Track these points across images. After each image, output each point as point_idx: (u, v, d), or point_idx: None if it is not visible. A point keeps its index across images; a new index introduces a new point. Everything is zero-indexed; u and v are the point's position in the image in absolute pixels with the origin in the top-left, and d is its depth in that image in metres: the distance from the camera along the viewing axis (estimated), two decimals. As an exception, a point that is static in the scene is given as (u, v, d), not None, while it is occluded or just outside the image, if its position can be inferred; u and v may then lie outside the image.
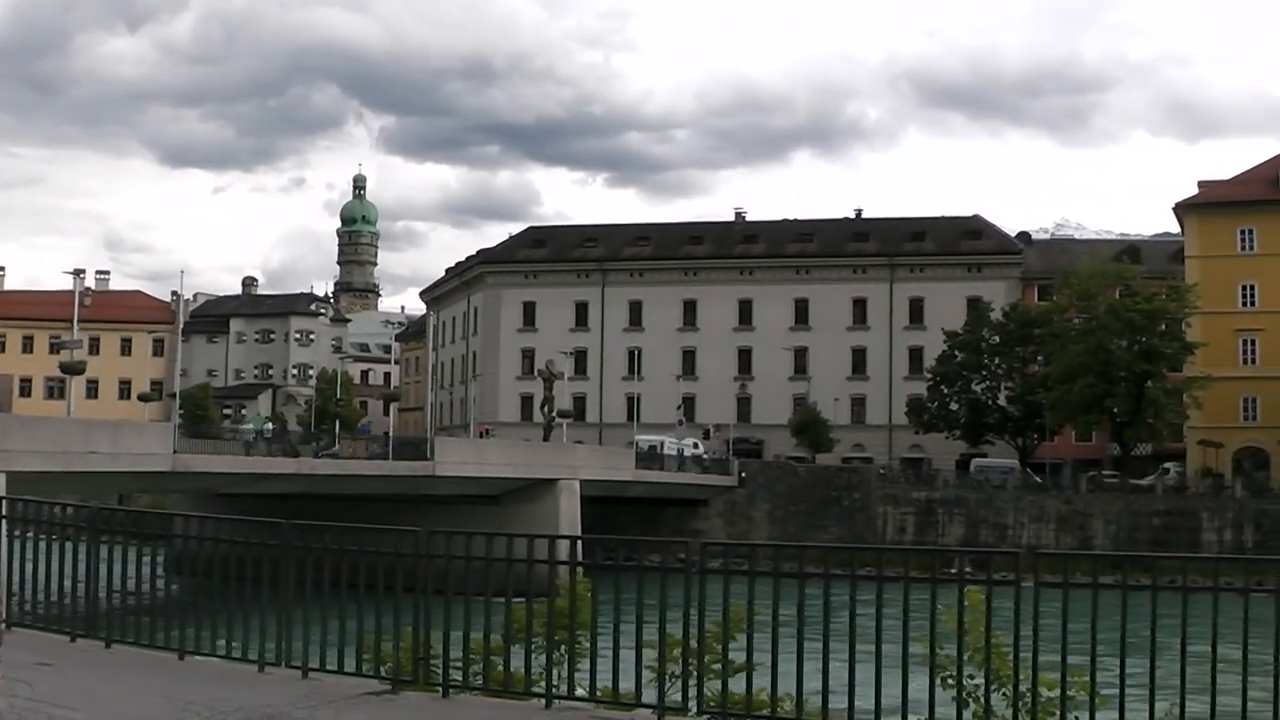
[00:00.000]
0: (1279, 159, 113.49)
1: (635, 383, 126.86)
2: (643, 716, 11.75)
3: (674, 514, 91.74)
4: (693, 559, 11.88)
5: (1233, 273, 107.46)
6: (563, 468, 75.55)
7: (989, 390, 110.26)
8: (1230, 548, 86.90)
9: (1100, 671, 10.82)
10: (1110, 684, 10.66)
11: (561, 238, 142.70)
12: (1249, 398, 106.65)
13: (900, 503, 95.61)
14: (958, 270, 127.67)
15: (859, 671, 11.17)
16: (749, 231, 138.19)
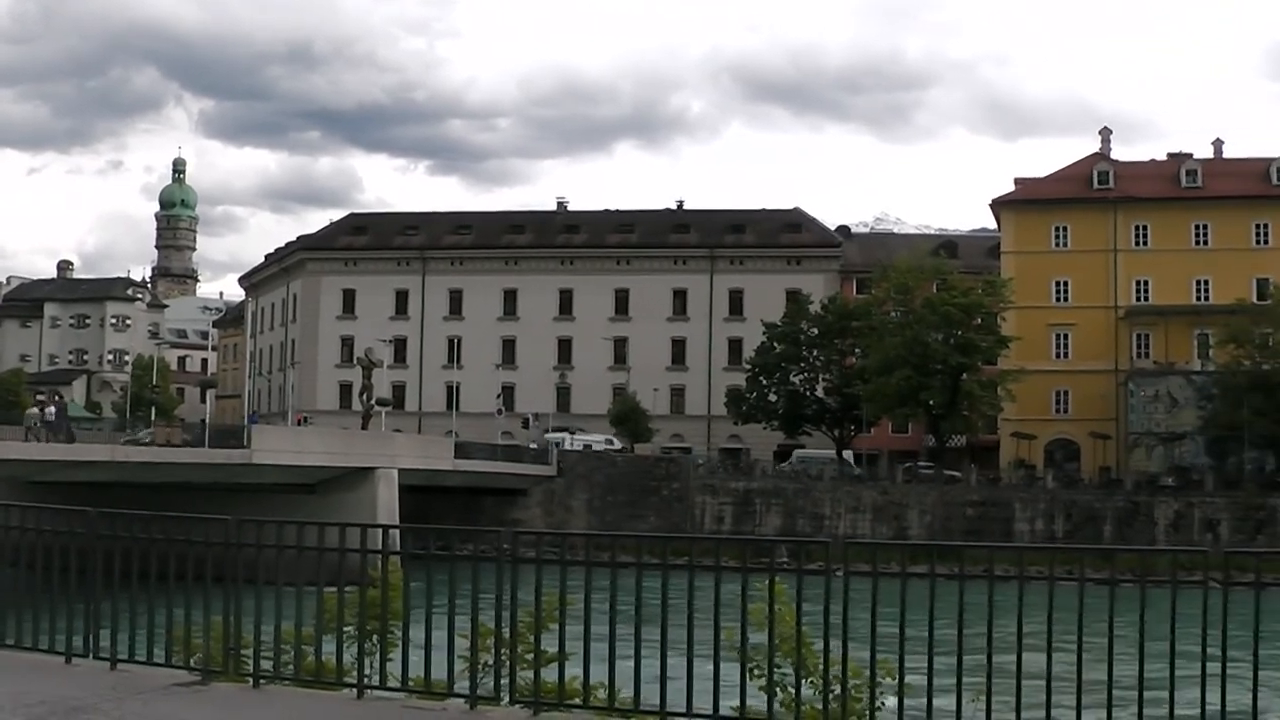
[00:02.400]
0: (1093, 158, 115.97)
1: (455, 371, 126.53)
2: (455, 706, 11.68)
3: (493, 503, 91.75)
4: (505, 548, 11.85)
5: (1047, 268, 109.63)
6: (381, 456, 75.06)
7: (807, 382, 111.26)
8: (1042, 537, 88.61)
9: (913, 659, 10.94)
10: (919, 672, 10.79)
11: (382, 225, 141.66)
12: (1061, 391, 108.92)
13: (718, 493, 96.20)
14: (777, 263, 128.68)
15: (672, 661, 11.20)
16: (570, 221, 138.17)
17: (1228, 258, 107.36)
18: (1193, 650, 10.27)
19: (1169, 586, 10.45)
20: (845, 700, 10.96)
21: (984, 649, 10.55)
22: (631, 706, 11.21)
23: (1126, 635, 10.33)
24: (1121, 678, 10.47)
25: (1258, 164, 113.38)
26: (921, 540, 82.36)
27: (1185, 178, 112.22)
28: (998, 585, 10.79)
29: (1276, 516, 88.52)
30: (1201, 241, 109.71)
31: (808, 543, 11.45)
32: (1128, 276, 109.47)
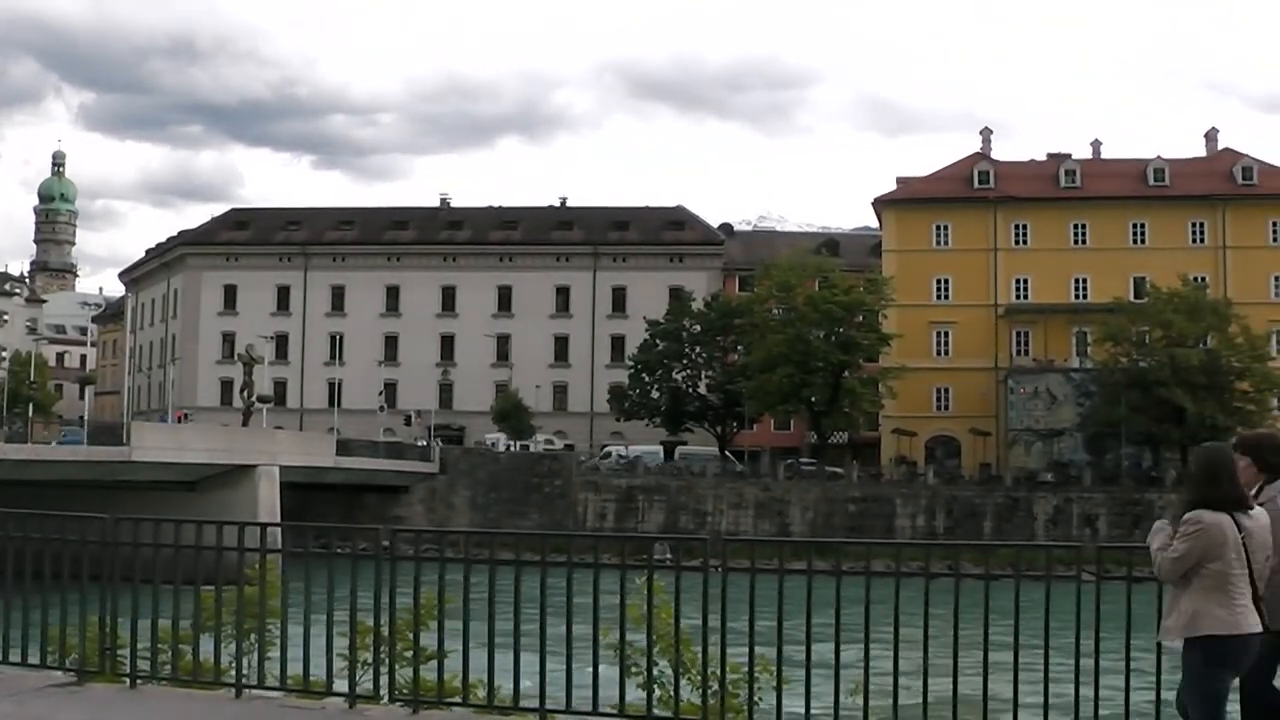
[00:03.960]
0: (974, 158, 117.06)
1: (337, 368, 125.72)
2: (334, 705, 11.62)
3: (376, 501, 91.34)
4: (384, 545, 11.81)
5: (928, 267, 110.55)
6: (262, 454, 74.44)
7: (690, 379, 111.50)
8: (923, 533, 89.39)
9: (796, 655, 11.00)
10: (799, 668, 10.85)
11: (264, 220, 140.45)
12: (942, 388, 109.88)
13: (601, 490, 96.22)
14: (660, 260, 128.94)
15: (552, 659, 11.20)
16: (453, 218, 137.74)
17: (1106, 257, 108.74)
18: (1069, 643, 10.42)
19: (1044, 581, 10.59)
20: (724, 696, 11.01)
21: (864, 644, 10.65)
22: (511, 704, 11.20)
23: (1007, 629, 10.46)
24: (1000, 670, 10.60)
25: (1135, 165, 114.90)
26: (804, 537, 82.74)
27: (1064, 178, 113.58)
28: (876, 581, 10.89)
29: (1153, 511, 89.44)
30: (1080, 241, 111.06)
31: (686, 539, 11.48)
32: (1007, 275, 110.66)
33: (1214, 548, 8.91)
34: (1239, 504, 9.07)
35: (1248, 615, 8.96)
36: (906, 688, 10.71)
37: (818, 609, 10.81)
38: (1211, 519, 8.95)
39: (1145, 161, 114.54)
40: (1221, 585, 8.90)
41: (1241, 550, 8.94)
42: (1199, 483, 9.25)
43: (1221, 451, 9.47)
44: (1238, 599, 8.93)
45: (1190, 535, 8.97)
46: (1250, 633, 8.94)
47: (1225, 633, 8.87)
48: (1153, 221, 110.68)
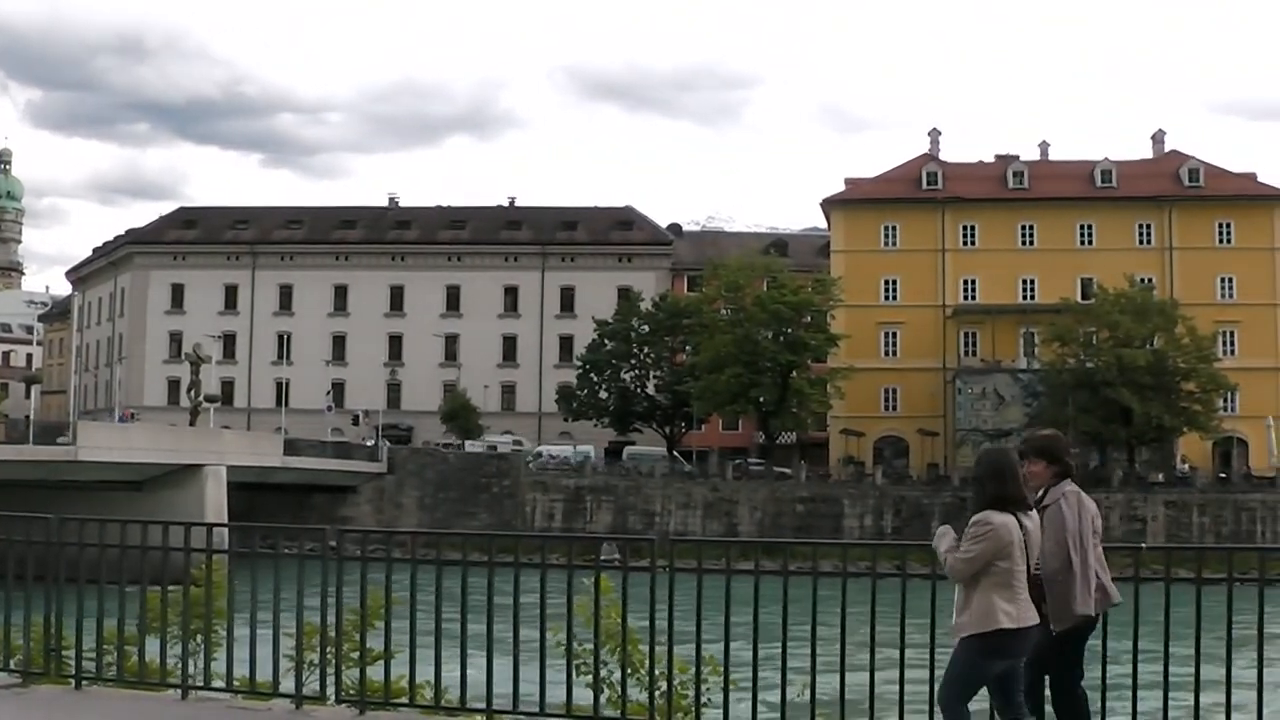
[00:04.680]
0: (922, 159, 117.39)
1: (284, 367, 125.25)
2: (280, 706, 11.59)
3: (323, 500, 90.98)
4: (330, 546, 11.78)
5: (876, 267, 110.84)
6: (209, 453, 74.17)
7: (638, 379, 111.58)
8: (871, 533, 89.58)
9: (742, 654, 11.02)
10: (747, 667, 10.88)
11: (212, 219, 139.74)
12: (890, 388, 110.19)
13: (549, 490, 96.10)
14: (609, 260, 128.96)
15: (499, 659, 11.19)
16: (402, 217, 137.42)
17: (1053, 258, 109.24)
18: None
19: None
20: (671, 696, 11.01)
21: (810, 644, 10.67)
22: (458, 705, 11.19)
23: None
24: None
25: (1083, 166, 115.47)
26: (752, 537, 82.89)
27: (1012, 179, 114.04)
28: (824, 581, 10.92)
29: (1100, 511, 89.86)
30: (1028, 242, 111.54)
31: (633, 540, 11.46)
32: (955, 276, 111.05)
33: (1003, 547, 9.25)
34: (1022, 504, 9.45)
35: (1029, 609, 9.36)
36: (853, 686, 10.75)
37: (766, 609, 10.84)
38: (1000, 519, 9.30)
39: (1093, 163, 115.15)
40: (1008, 582, 9.27)
41: (1024, 549, 9.35)
42: (987, 485, 9.55)
43: (1006, 454, 9.84)
44: (1020, 594, 9.32)
45: (982, 536, 9.28)
46: (1031, 625, 9.37)
47: (1012, 626, 9.23)
48: (1100, 223, 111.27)
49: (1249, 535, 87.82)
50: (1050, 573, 9.64)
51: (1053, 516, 9.74)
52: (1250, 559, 10.84)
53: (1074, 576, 9.61)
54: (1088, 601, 9.63)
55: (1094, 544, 9.86)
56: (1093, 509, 9.96)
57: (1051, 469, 10.04)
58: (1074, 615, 9.62)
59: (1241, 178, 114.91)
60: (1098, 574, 9.82)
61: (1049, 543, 9.63)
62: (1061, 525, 9.70)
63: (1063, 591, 9.61)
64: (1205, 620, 10.53)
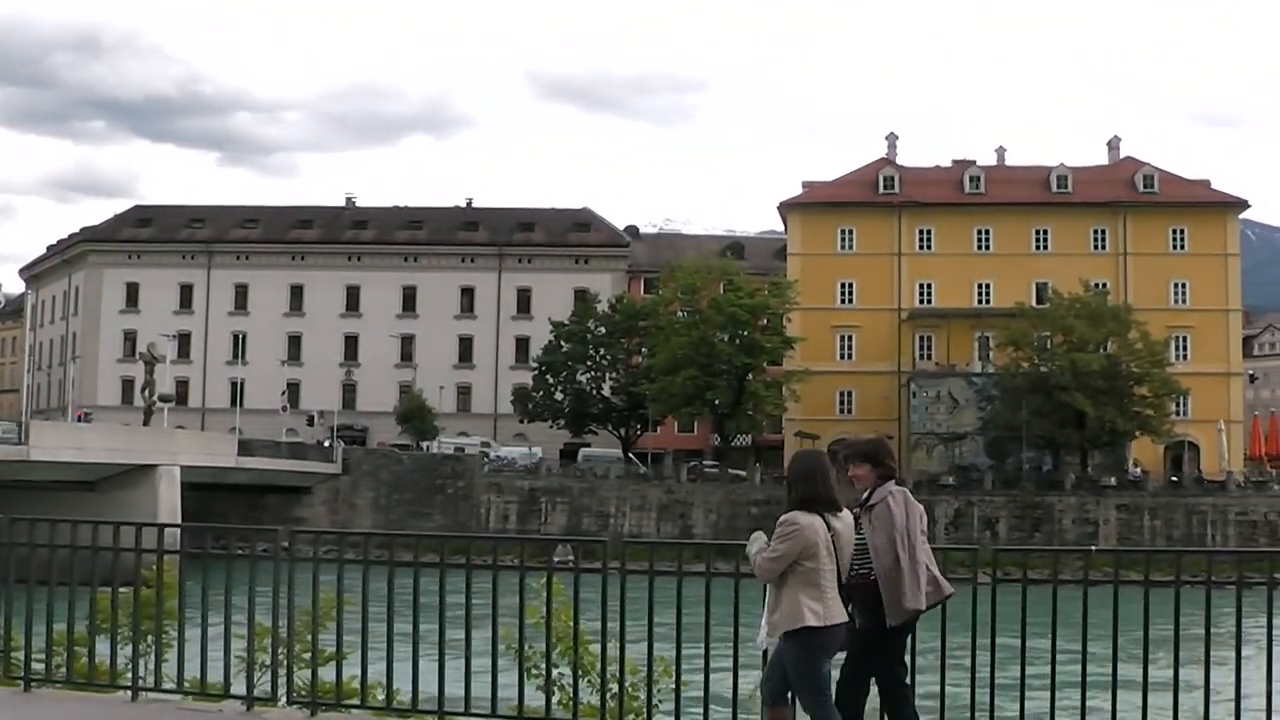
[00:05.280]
0: (879, 163, 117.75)
1: (239, 367, 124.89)
2: (231, 708, 11.55)
3: (278, 501, 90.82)
4: (282, 546, 11.75)
5: (832, 271, 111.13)
6: (163, 453, 73.85)
7: (594, 381, 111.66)
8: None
9: (695, 656, 11.04)
10: (699, 669, 10.90)
11: (168, 218, 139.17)
12: (845, 391, 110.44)
13: (504, 491, 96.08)
14: (566, 261, 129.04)
15: (451, 660, 11.18)
16: (358, 217, 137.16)
17: (1008, 262, 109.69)
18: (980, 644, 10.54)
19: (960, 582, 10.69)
20: (622, 698, 11.02)
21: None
22: (409, 706, 11.17)
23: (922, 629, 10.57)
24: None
25: (1038, 172, 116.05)
26: (706, 539, 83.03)
27: (969, 184, 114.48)
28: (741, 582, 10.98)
29: (1053, 515, 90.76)
30: (983, 246, 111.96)
31: (586, 541, 11.52)
32: (911, 279, 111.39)
33: (809, 546, 9.53)
34: (831, 506, 9.75)
35: (837, 607, 9.62)
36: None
37: (719, 610, 10.88)
38: (806, 520, 9.62)
39: (1049, 169, 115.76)
40: (815, 581, 9.52)
41: (831, 549, 9.61)
42: (795, 486, 9.92)
43: (816, 456, 10.16)
44: (828, 592, 9.58)
45: (788, 536, 9.59)
46: (840, 623, 9.63)
47: (820, 624, 9.46)
48: (1055, 228, 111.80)
49: (1200, 538, 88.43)
50: (882, 570, 9.89)
51: (881, 515, 10.01)
52: (1200, 562, 10.90)
53: (903, 572, 9.82)
54: (918, 596, 9.83)
55: (922, 540, 10.04)
56: (919, 507, 10.17)
57: (875, 472, 10.31)
58: (905, 610, 9.84)
59: (1196, 184, 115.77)
60: (928, 567, 10.01)
61: (880, 540, 9.92)
62: (890, 523, 9.94)
63: (894, 587, 9.84)
64: (1154, 621, 10.61)
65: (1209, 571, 10.66)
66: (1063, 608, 10.41)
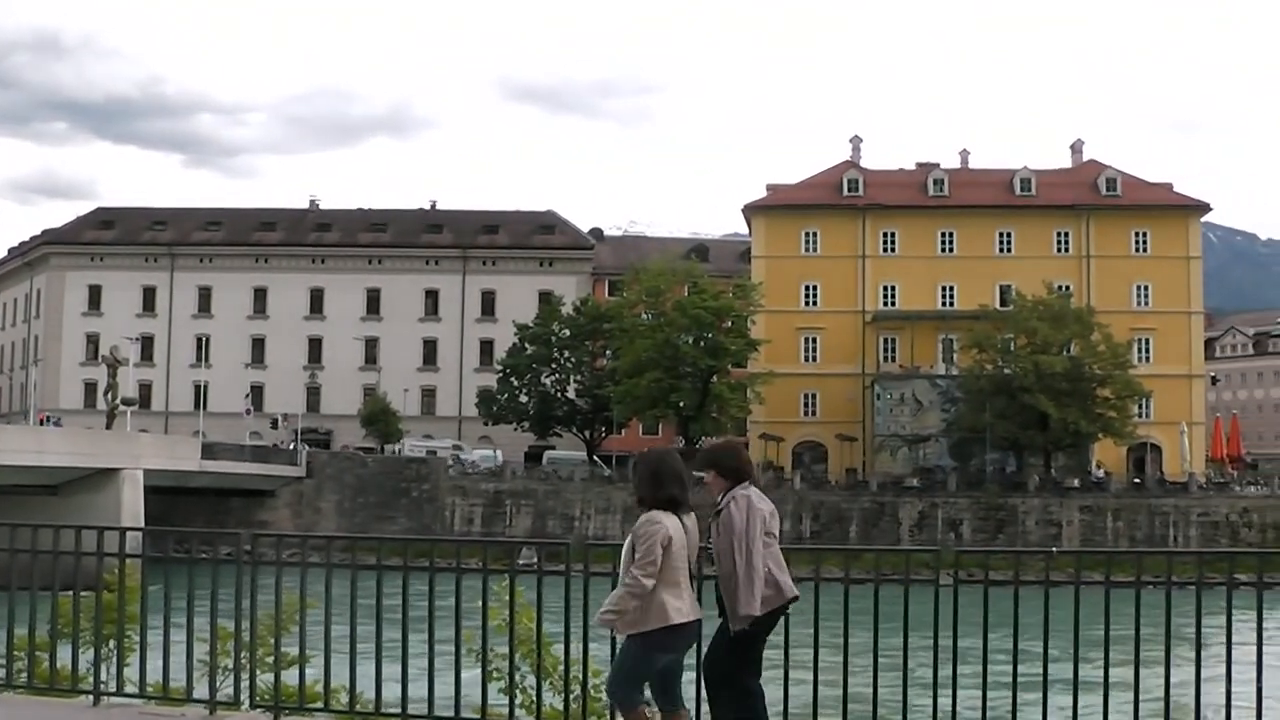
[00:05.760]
0: (844, 165, 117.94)
1: (203, 370, 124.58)
2: (194, 712, 11.52)
3: (241, 505, 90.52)
4: (244, 550, 11.71)
5: (796, 273, 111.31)
6: (126, 457, 73.49)
7: (558, 383, 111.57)
8: (789, 537, 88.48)
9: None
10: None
11: (130, 220, 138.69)
12: (809, 393, 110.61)
13: (469, 494, 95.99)
14: (530, 264, 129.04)
15: (414, 664, 11.16)
16: (322, 219, 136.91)
17: (972, 265, 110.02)
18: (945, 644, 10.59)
19: (903, 584, 10.73)
20: (585, 701, 11.03)
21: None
22: (373, 709, 11.15)
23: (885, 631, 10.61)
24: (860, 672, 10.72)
25: (1002, 175, 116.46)
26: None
27: (932, 186, 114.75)
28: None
29: (1016, 516, 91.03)
30: (947, 249, 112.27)
31: (549, 544, 11.49)
32: (875, 282, 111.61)
33: (670, 545, 9.67)
34: (681, 505, 9.92)
35: (694, 604, 9.88)
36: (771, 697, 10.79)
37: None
38: (664, 518, 9.77)
39: (1012, 171, 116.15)
40: (674, 579, 9.67)
41: (685, 547, 9.80)
42: (647, 487, 10.07)
43: (664, 456, 10.34)
44: (686, 591, 9.81)
45: (653, 535, 9.70)
46: (695, 620, 9.87)
47: (681, 621, 9.65)
48: (1019, 230, 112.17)
49: (1162, 539, 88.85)
50: (723, 575, 9.98)
51: (724, 520, 10.03)
52: (1161, 562, 10.96)
53: (739, 578, 9.85)
54: (752, 602, 9.82)
55: (767, 543, 10.05)
56: (765, 510, 10.13)
57: (722, 477, 10.31)
58: (739, 616, 9.85)
59: (1158, 187, 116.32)
60: (772, 571, 10.03)
61: (721, 545, 9.98)
62: (730, 528, 9.97)
63: (730, 593, 9.90)
64: (1116, 621, 10.65)
65: (1169, 572, 10.71)
66: (1026, 608, 10.46)
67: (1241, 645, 10.63)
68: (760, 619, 9.93)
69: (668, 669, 9.87)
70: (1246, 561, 11.31)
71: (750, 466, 10.49)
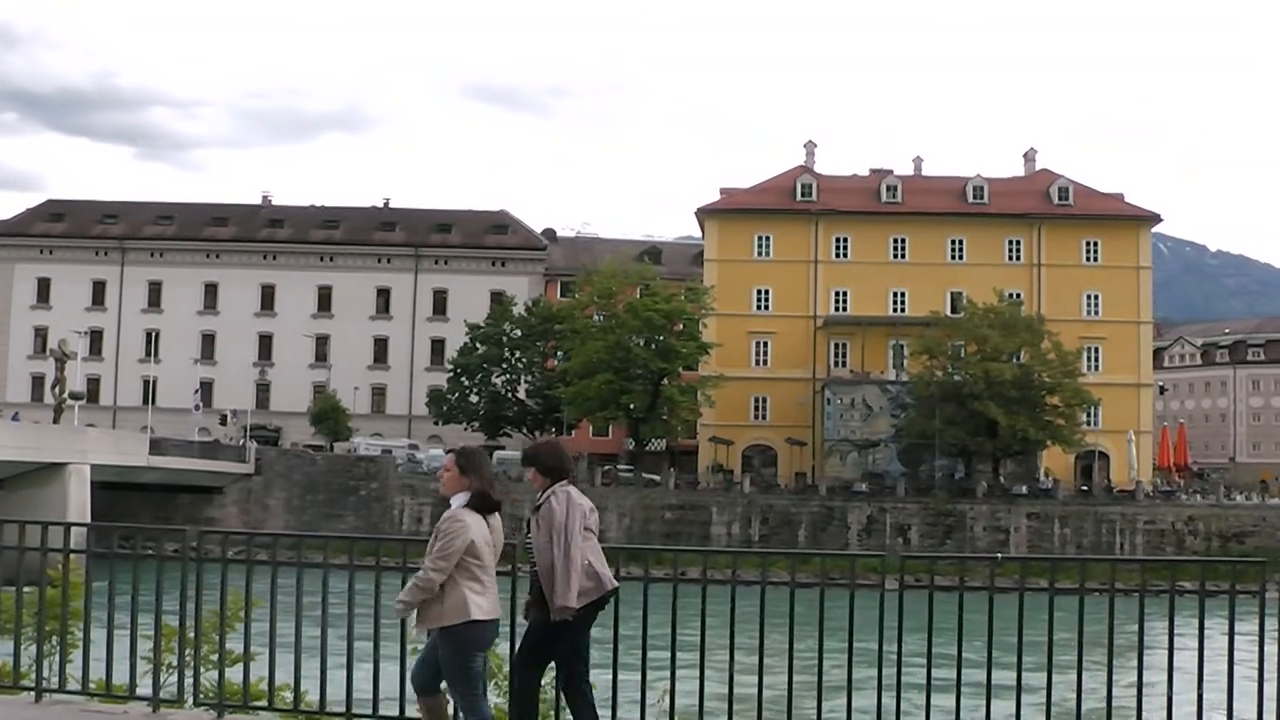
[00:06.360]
0: (797, 170, 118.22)
1: (152, 365, 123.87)
2: (137, 710, 11.46)
3: (189, 501, 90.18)
4: (190, 547, 11.66)
5: (749, 277, 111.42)
6: (73, 451, 72.92)
7: (509, 383, 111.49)
8: (739, 541, 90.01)
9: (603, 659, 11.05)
10: (606, 672, 10.92)
11: (80, 212, 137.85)
12: (759, 397, 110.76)
13: (418, 493, 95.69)
14: (482, 264, 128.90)
15: (359, 662, 11.13)
16: (274, 215, 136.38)
17: (924, 271, 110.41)
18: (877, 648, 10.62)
19: (849, 588, 10.76)
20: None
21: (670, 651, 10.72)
22: (317, 708, 11.12)
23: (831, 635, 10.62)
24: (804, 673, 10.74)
25: (955, 182, 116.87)
26: (620, 543, 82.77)
27: (885, 193, 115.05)
28: (686, 587, 11.00)
29: (965, 522, 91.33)
30: (899, 255, 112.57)
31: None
32: (827, 287, 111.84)
33: (471, 543, 9.94)
34: (490, 506, 10.23)
35: (494, 603, 10.12)
36: (714, 695, 10.82)
37: (631, 615, 10.90)
38: (469, 517, 10.04)
39: (965, 179, 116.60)
40: (478, 576, 9.97)
41: (490, 546, 10.12)
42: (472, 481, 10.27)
43: (474, 456, 10.50)
44: (490, 588, 10.10)
45: (454, 533, 9.94)
46: (496, 618, 10.16)
47: (483, 618, 9.93)
48: (971, 238, 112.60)
49: (1109, 546, 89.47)
50: (543, 567, 10.22)
51: (544, 514, 10.33)
52: (1105, 569, 11.03)
53: (556, 571, 10.09)
54: (569, 594, 10.06)
55: (586, 537, 10.31)
56: (585, 506, 10.40)
57: (541, 475, 10.59)
58: (558, 607, 10.09)
59: (1110, 198, 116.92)
60: (591, 564, 10.29)
61: (541, 539, 10.27)
62: (550, 522, 10.25)
63: (549, 585, 10.14)
64: (1059, 627, 10.72)
65: (1113, 579, 10.78)
66: (971, 614, 10.50)
67: (1183, 651, 10.70)
68: (589, 610, 10.23)
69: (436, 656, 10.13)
70: (1189, 569, 11.38)
71: (570, 464, 10.79)
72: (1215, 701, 10.64)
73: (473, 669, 10.03)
